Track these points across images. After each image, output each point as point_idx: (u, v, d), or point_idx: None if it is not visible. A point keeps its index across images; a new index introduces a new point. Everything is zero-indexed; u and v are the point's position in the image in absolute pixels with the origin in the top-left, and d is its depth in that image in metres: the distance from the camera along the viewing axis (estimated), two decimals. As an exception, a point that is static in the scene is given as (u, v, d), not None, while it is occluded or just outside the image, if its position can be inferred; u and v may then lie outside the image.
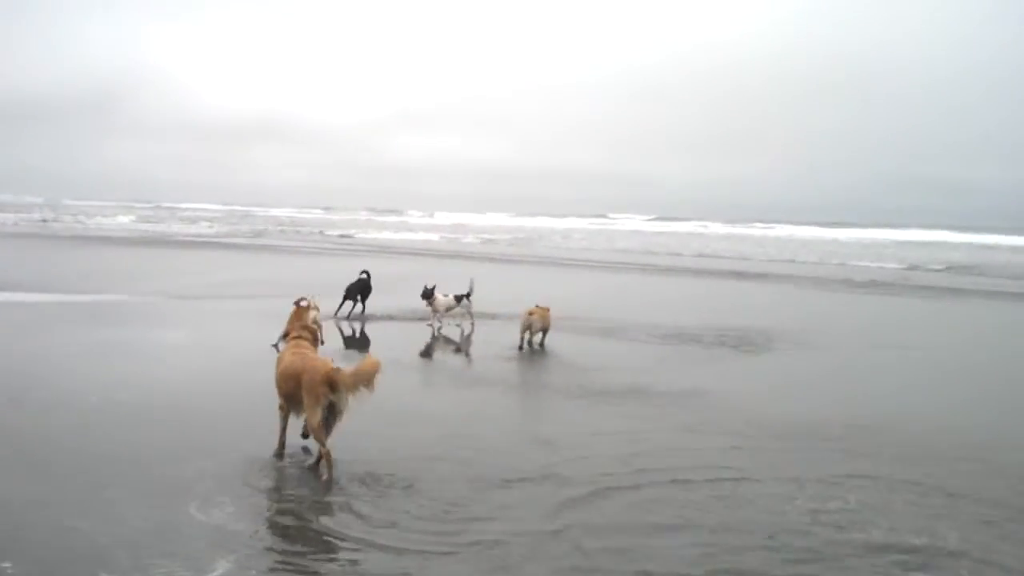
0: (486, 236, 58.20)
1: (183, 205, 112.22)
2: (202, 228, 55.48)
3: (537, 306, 12.83)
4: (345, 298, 15.53)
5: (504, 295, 17.41)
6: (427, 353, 12.80)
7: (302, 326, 7.36)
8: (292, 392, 6.68)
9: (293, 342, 7.18)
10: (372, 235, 55.32)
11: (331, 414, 6.47)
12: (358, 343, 13.42)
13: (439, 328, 14.47)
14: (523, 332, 12.72)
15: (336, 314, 15.11)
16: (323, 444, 6.46)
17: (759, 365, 12.19)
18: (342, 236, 52.64)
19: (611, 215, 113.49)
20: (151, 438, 7.41)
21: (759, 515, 5.94)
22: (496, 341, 13.32)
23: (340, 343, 13.20)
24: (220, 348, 12.36)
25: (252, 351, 11.37)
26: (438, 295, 14.35)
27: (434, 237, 54.65)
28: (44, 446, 7.12)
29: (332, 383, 6.41)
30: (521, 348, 12.58)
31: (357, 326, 14.82)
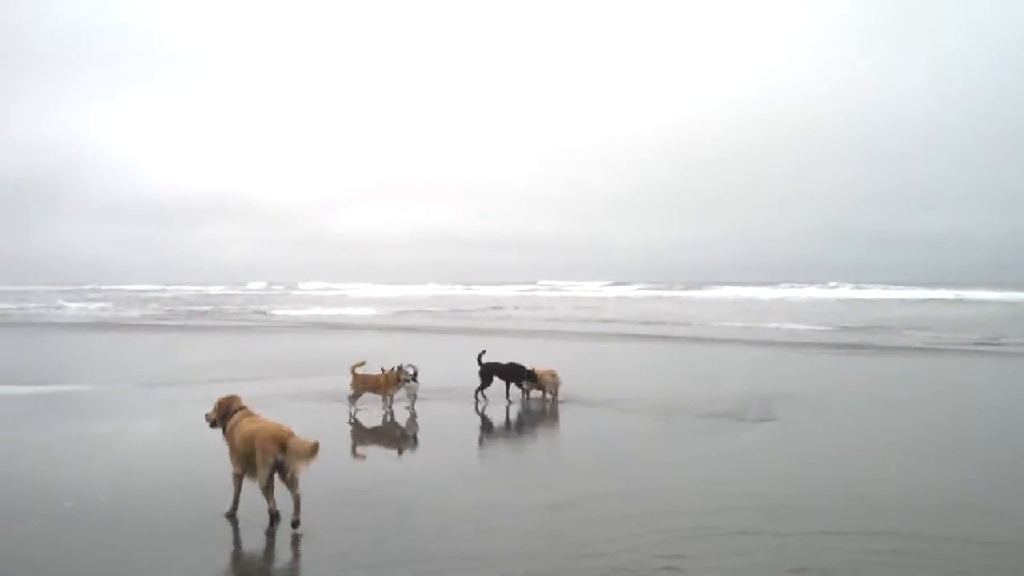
0: (429, 309, 55.24)
1: (128, 286, 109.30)
2: (150, 310, 53.69)
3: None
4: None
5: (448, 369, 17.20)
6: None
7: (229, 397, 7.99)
8: (250, 454, 7.20)
9: (246, 412, 7.74)
10: (314, 311, 51.44)
11: (281, 473, 7.12)
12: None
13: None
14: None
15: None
16: (268, 501, 7.17)
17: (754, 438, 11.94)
18: (260, 313, 50.21)
19: (561, 281, 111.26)
20: (134, 548, 6.90)
21: None
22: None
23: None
24: (199, 440, 11.74)
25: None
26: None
27: (370, 311, 51.17)
28: (13, 561, 6.56)
29: (282, 444, 7.03)
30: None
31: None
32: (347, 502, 8.19)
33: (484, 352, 14.97)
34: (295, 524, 7.16)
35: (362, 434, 12.26)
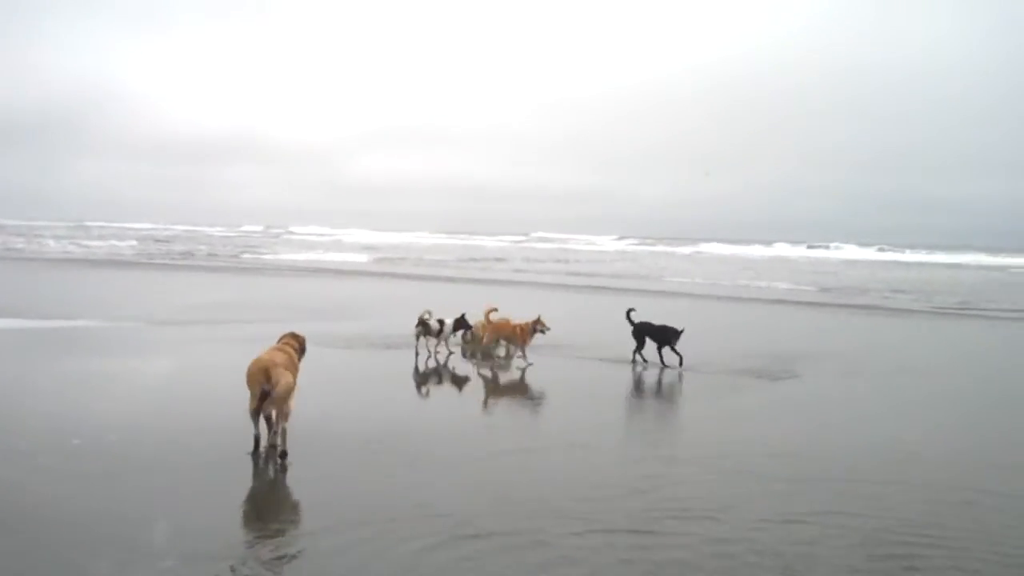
0: (435, 257, 53.36)
1: (135, 225, 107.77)
2: (154, 248, 52.65)
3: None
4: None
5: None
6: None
7: (292, 334, 8.54)
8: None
9: (278, 345, 8.18)
10: (311, 256, 49.49)
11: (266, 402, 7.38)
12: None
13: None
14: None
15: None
16: (255, 427, 7.51)
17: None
18: (247, 255, 48.99)
19: (583, 235, 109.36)
20: (141, 490, 6.66)
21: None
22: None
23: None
24: (211, 379, 11.53)
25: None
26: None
27: (363, 258, 49.33)
28: (21, 501, 6.33)
29: (267, 373, 7.33)
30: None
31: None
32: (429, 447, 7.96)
33: (632, 310, 13.77)
34: (282, 455, 7.48)
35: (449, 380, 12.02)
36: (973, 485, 7.48)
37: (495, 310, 13.77)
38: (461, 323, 14.24)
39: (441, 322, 13.71)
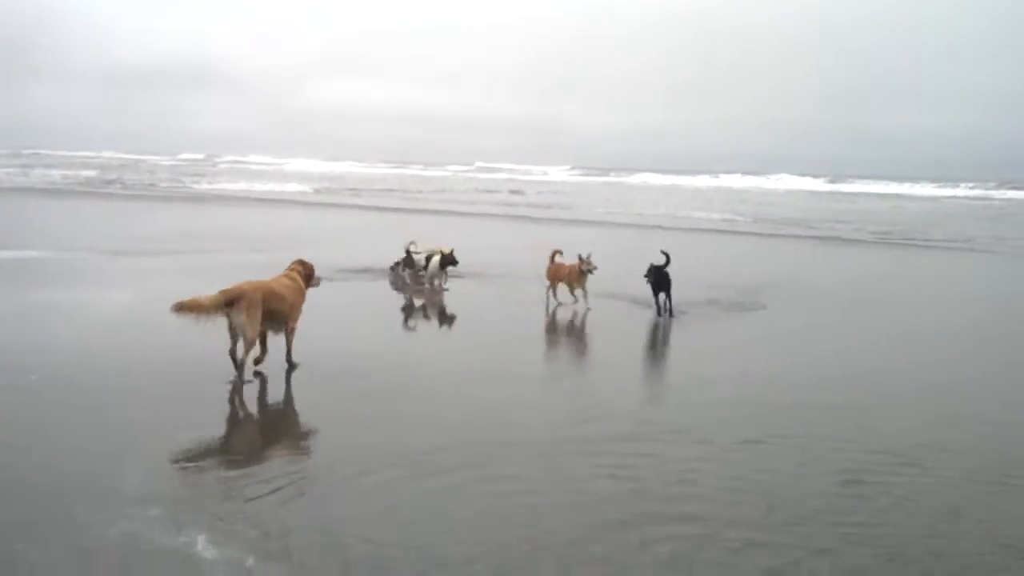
0: (373, 187, 51.52)
1: (86, 154, 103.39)
2: (100, 176, 51.01)
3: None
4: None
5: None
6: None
7: (300, 261, 8.60)
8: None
9: (286, 272, 8.34)
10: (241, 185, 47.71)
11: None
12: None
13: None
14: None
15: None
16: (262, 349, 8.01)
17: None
18: (195, 185, 47.35)
19: (531, 166, 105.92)
20: (107, 426, 6.45)
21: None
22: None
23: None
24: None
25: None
26: None
27: (306, 188, 46.84)
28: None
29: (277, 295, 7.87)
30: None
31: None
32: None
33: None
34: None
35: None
36: (949, 410, 7.67)
37: (560, 252, 12.77)
38: (449, 260, 13.56)
39: (428, 258, 13.34)
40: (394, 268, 13.77)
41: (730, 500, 5.39)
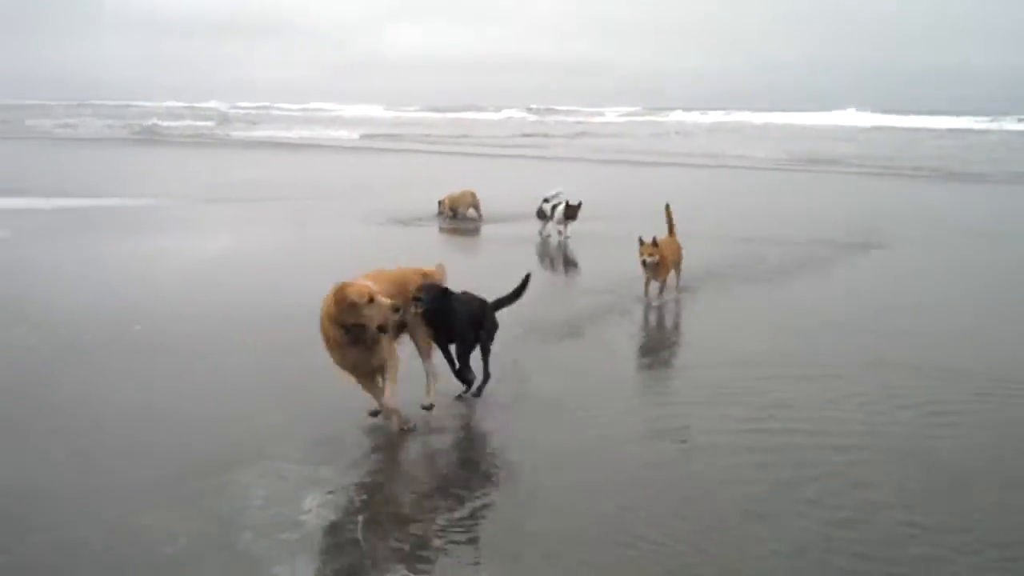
0: (425, 132, 48.43)
1: (145, 103, 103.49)
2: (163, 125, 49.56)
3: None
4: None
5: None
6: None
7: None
8: None
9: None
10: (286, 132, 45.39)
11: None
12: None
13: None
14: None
15: None
16: None
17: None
18: (259, 132, 45.83)
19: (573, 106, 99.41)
20: (217, 385, 6.00)
21: None
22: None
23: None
24: (272, 260, 10.90)
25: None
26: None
27: (353, 135, 43.81)
28: (87, 396, 5.72)
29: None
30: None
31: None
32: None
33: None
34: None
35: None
36: None
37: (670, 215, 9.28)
38: (572, 211, 12.26)
39: (554, 207, 12.38)
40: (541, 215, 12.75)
41: None
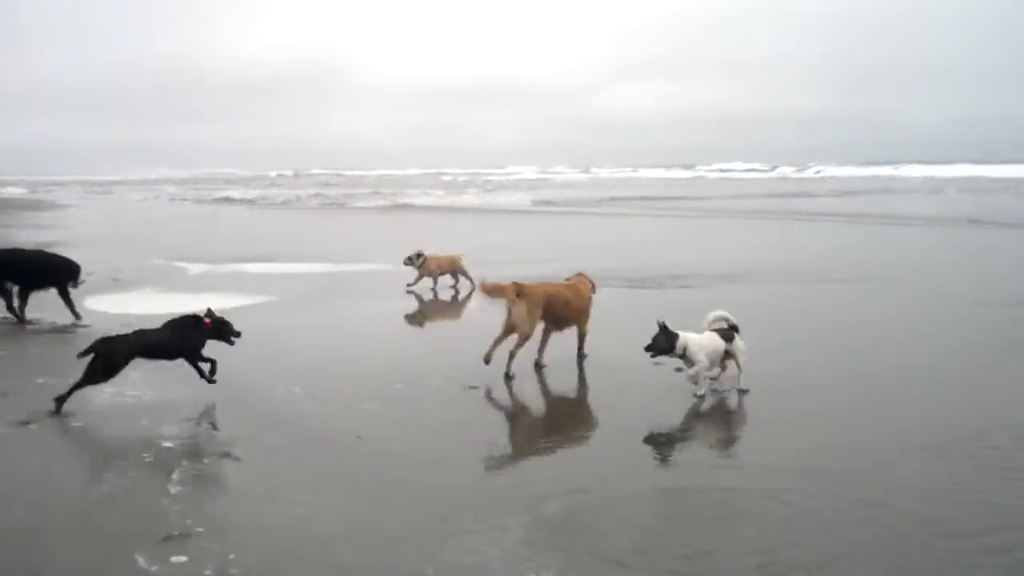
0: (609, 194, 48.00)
1: (382, 172, 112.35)
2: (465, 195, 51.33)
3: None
4: None
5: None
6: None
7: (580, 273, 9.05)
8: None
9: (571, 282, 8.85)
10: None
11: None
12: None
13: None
14: None
15: None
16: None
17: None
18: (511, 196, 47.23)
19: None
20: (472, 444, 6.14)
21: None
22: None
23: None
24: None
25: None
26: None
27: (526, 200, 44.24)
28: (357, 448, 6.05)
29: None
30: None
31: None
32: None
33: None
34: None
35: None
36: None
37: None
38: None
39: None
40: None
41: None
